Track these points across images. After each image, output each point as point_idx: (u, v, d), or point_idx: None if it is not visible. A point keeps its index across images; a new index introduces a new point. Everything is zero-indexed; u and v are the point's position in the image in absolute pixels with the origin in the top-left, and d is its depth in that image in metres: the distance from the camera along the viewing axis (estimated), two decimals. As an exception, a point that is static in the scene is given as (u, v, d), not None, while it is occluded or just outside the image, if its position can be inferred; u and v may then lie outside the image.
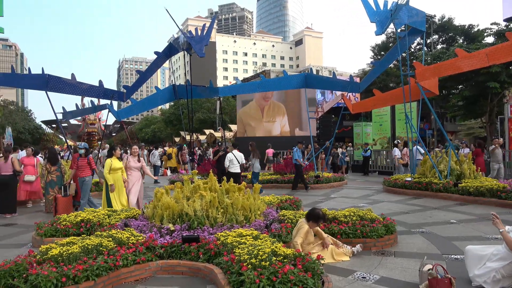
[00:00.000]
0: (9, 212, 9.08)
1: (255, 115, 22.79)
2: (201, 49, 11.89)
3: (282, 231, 5.67)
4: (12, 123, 45.95)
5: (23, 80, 12.39)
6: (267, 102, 22.44)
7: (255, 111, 22.86)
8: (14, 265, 4.14)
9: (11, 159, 9.23)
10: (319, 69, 76.11)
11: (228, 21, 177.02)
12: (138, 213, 6.96)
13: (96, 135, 37.67)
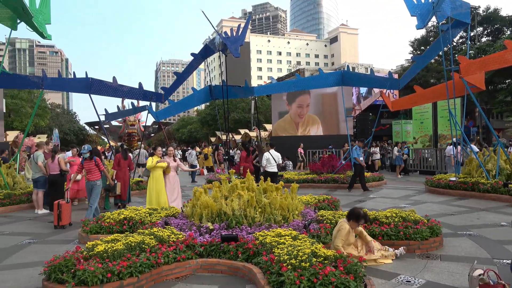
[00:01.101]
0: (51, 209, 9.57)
1: (290, 129, 22.64)
2: (237, 50, 11.95)
3: (321, 232, 5.57)
4: (59, 125, 48.51)
5: (69, 84, 13.02)
6: (302, 118, 22.24)
7: (289, 125, 22.72)
8: (63, 260, 4.33)
9: (57, 159, 9.72)
10: (355, 66, 74.52)
11: (262, 21, 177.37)
12: (178, 211, 7.09)
13: (136, 136, 38.96)
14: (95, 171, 8.20)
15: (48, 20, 10.32)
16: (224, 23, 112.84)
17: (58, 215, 7.66)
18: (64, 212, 7.69)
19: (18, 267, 5.38)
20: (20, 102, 36.27)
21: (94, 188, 8.15)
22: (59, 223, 7.68)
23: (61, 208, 7.66)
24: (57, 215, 7.66)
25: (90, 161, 8.26)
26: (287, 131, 22.43)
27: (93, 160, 8.23)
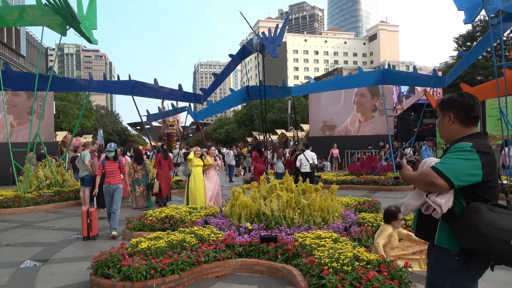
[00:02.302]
0: (103, 207, 9.99)
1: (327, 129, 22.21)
2: (275, 50, 11.90)
3: (363, 235, 5.42)
4: (103, 125, 50.74)
5: (114, 86, 13.56)
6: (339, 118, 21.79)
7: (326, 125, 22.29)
8: (109, 256, 4.50)
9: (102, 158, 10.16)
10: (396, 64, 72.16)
11: (299, 20, 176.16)
12: (217, 211, 7.18)
13: (175, 136, 39.97)
14: (117, 174, 7.26)
15: (94, 26, 10.80)
16: (260, 23, 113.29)
17: (89, 224, 6.75)
18: (94, 221, 6.83)
19: (67, 261, 5.66)
20: (68, 104, 38.27)
21: (116, 192, 7.16)
22: (89, 234, 6.78)
23: (91, 216, 6.74)
24: (87, 224, 6.74)
25: (113, 162, 7.27)
26: (324, 131, 22.09)
27: (117, 161, 7.31)
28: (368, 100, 21.38)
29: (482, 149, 1.96)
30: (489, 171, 1.95)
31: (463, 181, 1.94)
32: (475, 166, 1.93)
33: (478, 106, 2.10)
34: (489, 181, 1.96)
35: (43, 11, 10.32)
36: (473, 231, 1.87)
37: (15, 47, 74.45)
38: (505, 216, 1.86)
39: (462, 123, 2.11)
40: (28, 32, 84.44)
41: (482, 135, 2.09)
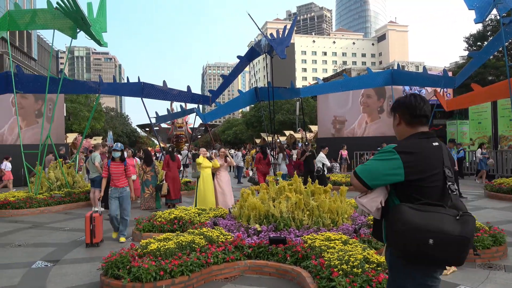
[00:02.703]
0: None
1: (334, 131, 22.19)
2: (283, 51, 11.88)
3: (372, 237, 5.37)
4: (113, 127, 51.22)
5: (123, 88, 13.66)
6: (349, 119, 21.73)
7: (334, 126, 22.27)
8: (119, 257, 4.53)
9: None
10: (405, 65, 71.67)
11: (307, 21, 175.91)
12: (225, 212, 7.19)
13: (184, 138, 40.13)
14: (123, 176, 6.82)
15: (104, 29, 10.92)
16: (268, 25, 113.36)
17: (91, 230, 6.36)
18: (98, 227, 6.44)
19: (77, 261, 5.71)
20: (79, 106, 38.73)
21: (123, 197, 6.78)
22: (92, 241, 6.38)
23: (94, 222, 6.35)
24: (90, 230, 6.35)
25: (120, 164, 6.82)
26: (335, 125, 21.97)
27: (123, 163, 6.88)
28: (374, 102, 21.28)
29: (406, 150, 1.98)
30: (414, 170, 1.94)
31: (380, 181, 1.99)
32: (393, 165, 1.96)
33: (423, 105, 2.11)
34: (417, 180, 1.95)
35: (54, 14, 10.45)
36: (391, 229, 1.92)
37: (26, 50, 75.55)
38: (426, 215, 1.84)
39: (408, 124, 2.13)
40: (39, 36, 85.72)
41: (422, 135, 2.09)
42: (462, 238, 1.80)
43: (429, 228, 1.80)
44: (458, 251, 1.82)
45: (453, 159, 2.17)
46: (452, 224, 1.81)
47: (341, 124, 21.57)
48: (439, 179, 1.99)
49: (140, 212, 9.93)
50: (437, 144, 2.06)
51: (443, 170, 1.99)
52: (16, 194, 10.62)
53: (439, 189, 1.99)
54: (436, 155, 2.02)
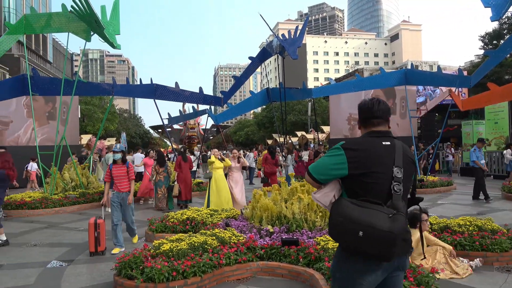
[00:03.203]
0: None
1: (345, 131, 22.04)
2: (294, 51, 11.84)
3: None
4: (126, 128, 51.77)
5: (136, 90, 13.79)
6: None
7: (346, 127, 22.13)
8: (132, 257, 4.56)
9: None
10: (419, 64, 70.71)
11: (318, 22, 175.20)
12: (237, 213, 7.18)
13: (196, 139, 40.35)
14: (126, 179, 6.38)
15: (117, 31, 11.02)
16: (280, 25, 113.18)
17: (96, 238, 5.94)
18: (103, 234, 6.04)
19: (91, 261, 5.77)
20: (93, 107, 39.29)
21: (126, 202, 6.34)
22: (96, 249, 5.96)
23: (99, 229, 5.94)
24: (94, 238, 5.93)
25: (121, 166, 6.41)
26: (343, 133, 21.83)
27: (125, 165, 6.46)
28: None
29: (351, 146, 2.09)
30: (357, 165, 2.04)
31: (326, 175, 2.12)
32: (338, 161, 2.07)
33: (378, 107, 2.21)
34: (360, 175, 2.04)
35: (68, 18, 10.61)
36: (330, 221, 2.06)
37: (42, 53, 76.94)
38: (361, 210, 1.95)
39: (363, 125, 2.26)
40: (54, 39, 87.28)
41: (373, 134, 2.19)
42: (389, 233, 1.88)
43: (360, 221, 1.92)
44: (386, 246, 1.90)
45: (410, 159, 2.17)
46: (382, 221, 1.90)
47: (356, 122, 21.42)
48: (385, 177, 2.04)
49: (153, 212, 9.99)
50: (389, 143, 2.12)
51: (392, 170, 2.04)
52: (32, 195, 10.80)
53: (384, 187, 2.03)
54: (383, 153, 2.08)
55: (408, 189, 2.14)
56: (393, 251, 1.91)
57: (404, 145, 2.17)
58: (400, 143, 2.15)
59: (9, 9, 70.77)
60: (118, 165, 6.41)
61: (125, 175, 6.36)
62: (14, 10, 71.38)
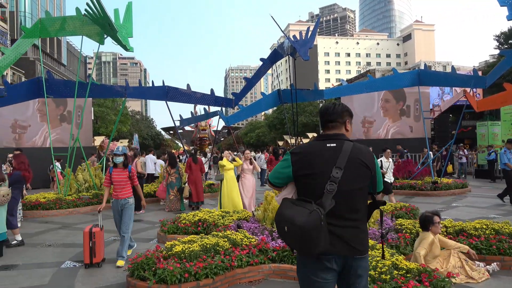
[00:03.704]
0: (137, 209, 10.23)
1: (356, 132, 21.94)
2: (306, 52, 11.77)
3: (400, 242, 5.21)
4: (138, 130, 52.23)
5: (148, 92, 13.91)
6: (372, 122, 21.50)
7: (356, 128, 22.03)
8: (145, 258, 4.58)
9: (135, 162, 10.45)
10: (432, 65, 69.76)
11: (330, 23, 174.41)
12: (249, 215, 7.16)
13: (207, 140, 40.48)
14: (126, 185, 5.76)
15: (130, 34, 11.13)
16: (291, 27, 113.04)
17: (91, 248, 5.37)
18: (99, 244, 5.46)
19: (105, 262, 5.81)
20: (106, 110, 39.74)
21: (125, 209, 5.71)
22: (92, 261, 5.42)
23: (94, 238, 5.40)
24: (89, 248, 5.37)
25: (122, 170, 5.77)
26: (357, 136, 21.64)
27: (126, 169, 5.80)
28: (393, 105, 21.05)
29: (295, 150, 2.30)
30: (299, 168, 2.23)
31: (278, 178, 2.33)
32: (285, 164, 2.28)
33: (328, 110, 2.36)
34: (302, 177, 2.22)
35: (82, 21, 10.75)
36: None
37: (56, 56, 78.21)
38: (291, 207, 2.13)
39: (322, 128, 2.40)
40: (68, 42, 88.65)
41: (320, 137, 2.34)
42: (301, 227, 2.02)
43: (287, 218, 2.10)
44: (301, 240, 2.05)
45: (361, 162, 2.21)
46: (301, 216, 2.04)
47: (370, 124, 21.31)
48: (323, 177, 2.15)
49: (164, 214, 10.04)
50: (334, 145, 2.24)
51: (331, 170, 2.15)
52: (46, 196, 10.96)
53: (320, 186, 2.15)
54: (325, 155, 2.21)
55: (359, 191, 2.19)
56: (310, 245, 2.05)
57: (357, 148, 2.24)
58: (350, 145, 2.23)
59: (24, 13, 72.28)
60: (119, 169, 5.77)
61: (127, 181, 5.74)
62: (29, 14, 72.86)
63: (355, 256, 2.17)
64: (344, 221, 2.16)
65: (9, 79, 43.43)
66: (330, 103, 2.41)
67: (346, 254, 2.15)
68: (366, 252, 2.23)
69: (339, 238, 2.13)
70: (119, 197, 5.71)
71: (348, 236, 2.14)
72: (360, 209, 2.21)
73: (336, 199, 2.11)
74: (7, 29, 51.07)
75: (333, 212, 2.11)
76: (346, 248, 2.14)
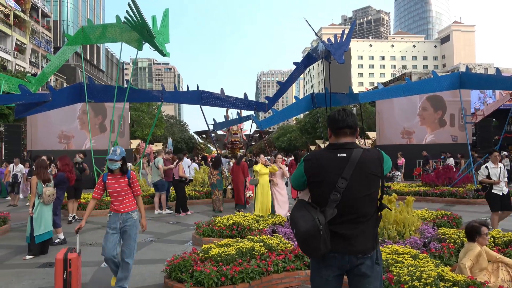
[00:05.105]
0: (185, 210, 10.45)
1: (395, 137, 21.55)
2: (341, 56, 11.57)
3: (444, 252, 4.97)
4: (172, 134, 53.39)
5: (183, 96, 14.16)
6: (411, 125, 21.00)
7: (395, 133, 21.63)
8: (182, 260, 4.62)
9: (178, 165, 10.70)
10: (472, 67, 66.91)
11: (363, 25, 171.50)
12: (283, 220, 7.09)
13: (239, 144, 40.73)
14: (127, 196, 4.59)
15: (167, 40, 11.40)
16: (323, 30, 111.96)
17: (65, 280, 4.13)
18: (75, 275, 4.21)
19: (142, 262, 5.93)
20: (141, 114, 40.94)
21: (129, 227, 4.55)
22: None
23: (70, 267, 4.15)
24: (63, 281, 4.13)
25: (120, 178, 4.59)
26: (393, 140, 21.04)
27: (125, 176, 4.62)
28: (430, 114, 20.47)
29: (307, 157, 2.43)
30: (310, 174, 2.36)
31: (297, 182, 2.47)
32: (300, 170, 2.42)
33: (346, 118, 2.37)
34: (313, 183, 2.37)
35: (122, 28, 11.14)
36: None
37: (96, 62, 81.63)
38: (301, 211, 2.28)
39: (332, 135, 2.45)
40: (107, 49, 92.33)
41: (330, 146, 2.42)
42: (303, 233, 2.20)
43: (293, 221, 2.28)
44: (304, 244, 2.25)
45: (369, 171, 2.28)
46: (305, 223, 2.21)
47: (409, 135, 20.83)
48: (329, 186, 2.27)
49: (198, 216, 10.14)
50: (344, 155, 2.31)
51: (337, 180, 2.25)
52: (86, 196, 11.38)
53: (325, 194, 2.27)
54: (333, 165, 2.30)
55: (366, 197, 2.27)
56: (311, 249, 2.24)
57: (366, 156, 2.29)
58: (359, 154, 2.28)
59: (67, 22, 76.11)
60: (115, 176, 4.60)
61: (127, 190, 4.59)
62: (71, 23, 76.66)
63: (358, 255, 2.25)
64: (349, 225, 2.27)
65: (52, 84, 45.79)
66: (340, 110, 2.43)
67: (348, 253, 2.26)
68: (370, 252, 2.28)
69: (342, 238, 2.25)
70: (119, 210, 4.53)
71: (351, 237, 2.25)
72: (368, 213, 2.31)
73: (341, 206, 2.24)
74: (51, 37, 53.92)
75: (339, 217, 2.24)
76: (348, 247, 2.25)
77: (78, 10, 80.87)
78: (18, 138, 20.03)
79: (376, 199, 2.37)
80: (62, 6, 75.97)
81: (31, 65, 44.79)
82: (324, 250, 2.21)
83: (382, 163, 2.34)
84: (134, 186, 4.66)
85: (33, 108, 10.87)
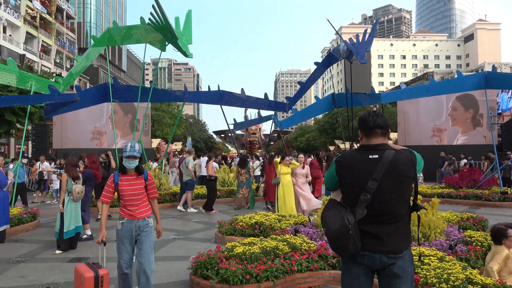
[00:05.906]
0: (210, 208, 10.62)
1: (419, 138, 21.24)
2: (363, 56, 11.49)
3: (471, 255, 4.90)
4: (191, 133, 53.95)
5: (205, 96, 14.33)
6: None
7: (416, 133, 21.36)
8: (207, 258, 4.71)
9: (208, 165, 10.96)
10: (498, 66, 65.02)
11: (384, 24, 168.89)
12: (306, 219, 7.11)
13: (257, 144, 40.81)
14: (143, 199, 4.08)
15: (190, 40, 11.57)
16: (343, 29, 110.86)
17: None
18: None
19: (167, 259, 6.06)
20: (162, 113, 41.56)
21: (145, 234, 4.03)
22: None
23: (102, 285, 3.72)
24: None
25: (136, 179, 4.04)
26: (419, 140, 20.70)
27: (141, 176, 4.07)
28: (461, 113, 20.05)
29: (339, 159, 2.48)
30: (341, 176, 2.42)
31: (330, 183, 2.55)
32: (332, 171, 2.48)
33: (373, 118, 2.39)
34: (344, 185, 2.43)
35: (146, 29, 11.36)
36: None
37: (117, 63, 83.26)
38: (331, 210, 2.33)
39: (363, 137, 2.47)
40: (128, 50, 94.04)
41: (362, 148, 2.45)
42: (333, 233, 2.26)
43: (324, 220, 2.34)
44: (335, 242, 2.30)
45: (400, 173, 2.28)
46: (335, 223, 2.25)
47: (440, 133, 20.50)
48: (359, 187, 2.30)
49: (219, 215, 10.23)
50: (376, 156, 2.32)
51: (367, 181, 2.27)
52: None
53: (356, 195, 2.31)
54: (364, 166, 2.33)
55: (399, 198, 2.29)
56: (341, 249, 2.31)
57: (398, 157, 2.29)
58: (390, 155, 2.29)
59: (90, 24, 77.91)
60: (131, 176, 4.02)
61: (143, 193, 4.06)
62: (94, 25, 78.44)
63: (390, 255, 2.27)
64: (381, 225, 2.29)
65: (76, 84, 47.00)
66: (370, 112, 2.45)
67: (379, 252, 2.28)
68: (402, 252, 2.29)
69: (373, 238, 2.28)
70: (135, 216, 4.00)
71: (382, 237, 2.27)
72: (400, 214, 2.32)
73: (372, 207, 2.27)
74: (75, 39, 55.34)
75: (370, 217, 2.28)
76: (380, 247, 2.27)
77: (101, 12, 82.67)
78: (44, 137, 20.72)
79: (409, 200, 2.37)
80: (86, 8, 77.81)
81: (56, 65, 46.14)
82: (353, 249, 2.24)
83: (415, 164, 2.34)
84: (151, 188, 4.11)
85: (60, 108, 11.23)
